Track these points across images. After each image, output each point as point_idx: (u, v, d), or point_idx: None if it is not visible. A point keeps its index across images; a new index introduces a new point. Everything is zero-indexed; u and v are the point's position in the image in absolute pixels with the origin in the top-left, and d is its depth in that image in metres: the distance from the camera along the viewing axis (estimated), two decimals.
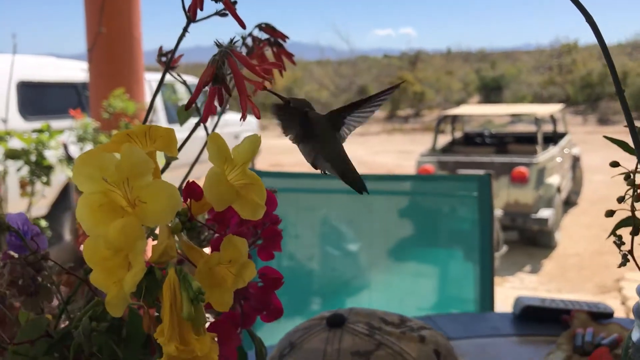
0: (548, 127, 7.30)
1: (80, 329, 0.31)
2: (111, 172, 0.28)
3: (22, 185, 2.65)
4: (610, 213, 0.42)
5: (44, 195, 2.90)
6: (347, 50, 31.30)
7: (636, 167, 0.42)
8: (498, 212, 4.38)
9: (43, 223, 2.92)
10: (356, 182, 0.61)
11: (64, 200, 5.16)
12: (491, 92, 25.95)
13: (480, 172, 6.25)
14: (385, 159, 13.49)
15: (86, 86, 3.79)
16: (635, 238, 0.42)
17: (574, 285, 5.36)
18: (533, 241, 6.41)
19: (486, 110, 9.60)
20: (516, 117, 10.06)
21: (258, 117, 0.48)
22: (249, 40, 0.61)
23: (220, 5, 0.45)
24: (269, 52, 0.63)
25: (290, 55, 0.63)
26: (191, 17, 0.46)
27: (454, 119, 7.85)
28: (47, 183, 2.66)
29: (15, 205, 3.17)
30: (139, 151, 0.28)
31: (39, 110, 5.51)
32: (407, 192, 1.20)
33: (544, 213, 6.08)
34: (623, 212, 0.42)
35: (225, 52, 0.43)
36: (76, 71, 5.86)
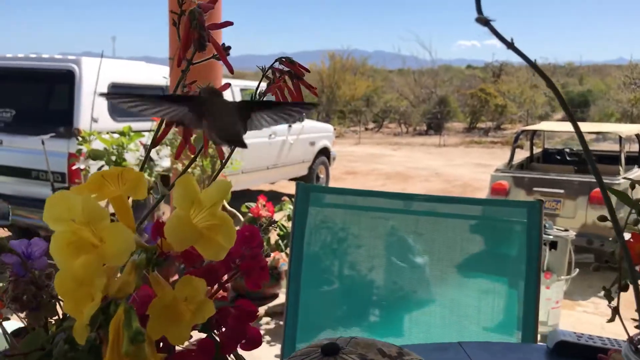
0: (634, 147, 6.98)
1: (55, 351, 0.34)
2: (78, 214, 0.31)
3: None
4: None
5: None
6: (429, 60, 30.97)
7: None
8: (571, 234, 4.23)
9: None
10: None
11: (142, 201, 5.38)
12: (577, 107, 25.03)
13: (558, 191, 6.05)
14: (462, 171, 13.27)
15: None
16: None
17: None
18: (610, 265, 6.14)
19: (567, 127, 9.27)
20: (600, 135, 9.68)
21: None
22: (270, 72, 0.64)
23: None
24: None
25: (311, 87, 0.65)
26: (178, 62, 0.49)
27: (534, 134, 7.63)
28: None
29: None
30: (93, 201, 0.31)
31: (128, 111, 5.77)
32: (453, 214, 1.19)
33: (625, 237, 5.82)
34: None
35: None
36: (163, 75, 6.12)
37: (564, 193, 6.05)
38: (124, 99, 0.49)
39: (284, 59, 0.62)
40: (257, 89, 0.59)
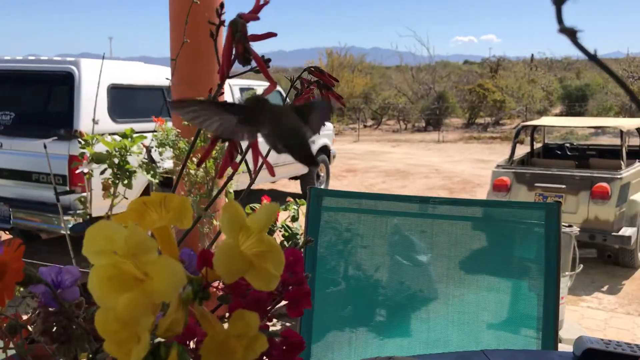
0: (634, 141, 6.96)
1: None
2: (120, 245, 0.28)
3: (105, 187, 2.76)
4: None
5: (126, 197, 3.02)
6: (426, 56, 30.95)
7: None
8: (575, 230, 4.22)
9: None
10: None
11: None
12: (575, 102, 25.01)
13: (559, 186, 6.03)
14: (461, 168, 13.26)
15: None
16: None
17: None
18: (613, 260, 6.14)
19: (567, 122, 9.25)
20: (600, 129, 9.66)
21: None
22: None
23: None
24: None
25: (339, 97, 0.63)
26: (221, 77, 0.46)
27: (534, 129, 7.61)
28: (129, 185, 2.76)
29: (99, 205, 3.31)
30: (140, 231, 0.28)
31: (127, 112, 5.74)
32: (470, 217, 1.17)
33: (627, 231, 5.81)
34: None
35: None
36: (162, 76, 6.08)
37: (566, 188, 6.03)
38: (185, 109, 0.43)
39: (312, 69, 0.60)
40: (285, 97, 0.57)
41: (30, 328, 0.39)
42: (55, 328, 0.38)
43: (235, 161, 0.45)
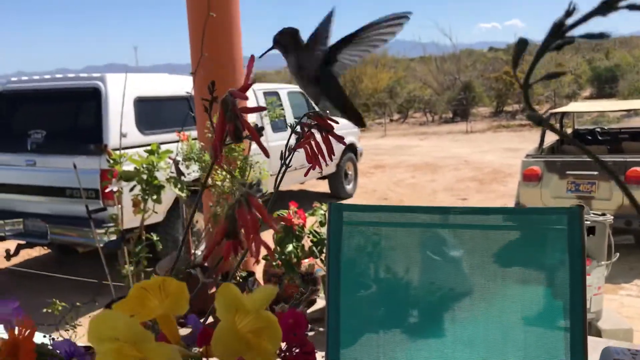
0: None
1: None
2: (122, 333, 0.30)
3: (135, 204, 2.81)
4: None
5: (156, 211, 3.06)
6: (450, 46, 30.65)
7: None
8: (609, 218, 4.15)
9: (155, 236, 3.05)
10: (357, 118, 0.69)
11: (177, 208, 5.44)
12: (605, 83, 24.52)
13: (592, 173, 5.93)
14: (491, 158, 13.13)
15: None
16: None
17: None
18: None
19: (596, 107, 9.09)
20: (631, 111, 9.47)
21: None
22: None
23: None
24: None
25: (340, 138, 0.64)
26: (215, 153, 0.48)
27: (563, 116, 7.50)
28: (158, 200, 2.81)
29: (130, 220, 3.37)
30: (136, 325, 0.30)
31: (154, 124, 5.82)
32: (492, 225, 1.16)
33: None
34: None
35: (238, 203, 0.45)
36: (186, 85, 6.14)
37: (598, 175, 5.94)
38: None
39: (311, 113, 0.61)
40: (286, 145, 0.59)
41: None
42: None
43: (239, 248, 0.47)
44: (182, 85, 6.33)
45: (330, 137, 0.61)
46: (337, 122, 0.63)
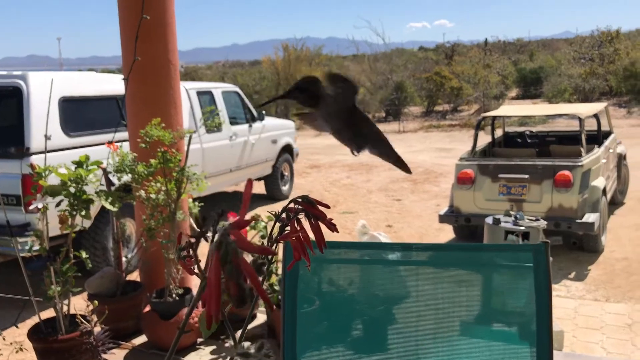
0: (591, 123, 7.02)
1: None
2: None
3: (62, 220, 2.60)
4: None
5: (84, 227, 2.84)
6: (382, 44, 30.94)
7: None
8: (542, 223, 4.24)
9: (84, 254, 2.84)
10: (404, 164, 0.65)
11: (105, 214, 5.19)
12: (530, 85, 25.40)
13: (523, 176, 6.06)
14: (423, 157, 13.31)
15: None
16: None
17: (623, 293, 5.16)
18: (578, 246, 6.22)
19: (526, 111, 9.36)
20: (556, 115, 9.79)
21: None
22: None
23: None
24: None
25: (332, 225, 0.55)
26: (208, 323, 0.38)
27: (494, 119, 7.66)
28: (87, 216, 2.60)
29: (55, 227, 3.14)
30: None
31: (81, 125, 5.51)
32: (455, 262, 1.10)
33: (590, 217, 5.89)
34: None
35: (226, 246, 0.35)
36: (116, 84, 5.86)
37: (529, 178, 6.08)
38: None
39: (299, 199, 0.52)
40: (271, 231, 0.49)
41: None
42: None
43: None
44: (110, 84, 6.06)
45: (318, 225, 0.53)
46: (328, 207, 0.54)
